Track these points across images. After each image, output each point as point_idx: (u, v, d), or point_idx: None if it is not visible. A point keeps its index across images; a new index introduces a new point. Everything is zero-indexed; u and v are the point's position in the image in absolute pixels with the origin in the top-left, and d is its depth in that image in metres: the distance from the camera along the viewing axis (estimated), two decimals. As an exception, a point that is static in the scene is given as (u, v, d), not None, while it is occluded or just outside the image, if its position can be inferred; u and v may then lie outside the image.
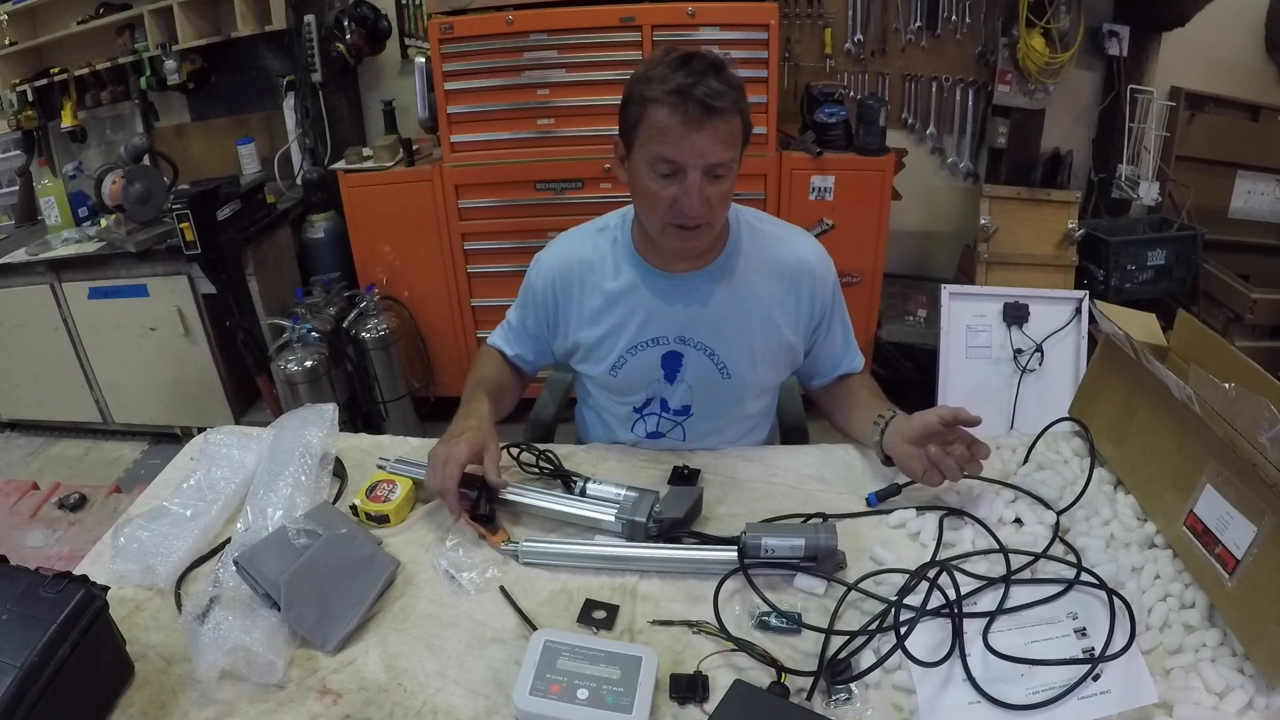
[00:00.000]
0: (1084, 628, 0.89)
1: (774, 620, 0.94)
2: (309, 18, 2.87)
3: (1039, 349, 2.51)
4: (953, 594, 0.92)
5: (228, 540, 1.09)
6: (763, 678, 0.87)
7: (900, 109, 3.04)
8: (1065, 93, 2.91)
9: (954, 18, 2.86)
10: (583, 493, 1.16)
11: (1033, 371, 2.51)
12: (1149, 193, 2.83)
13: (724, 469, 1.24)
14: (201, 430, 1.33)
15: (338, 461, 1.25)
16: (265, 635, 0.89)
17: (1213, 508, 0.93)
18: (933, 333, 2.63)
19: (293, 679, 0.90)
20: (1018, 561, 0.98)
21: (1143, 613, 0.91)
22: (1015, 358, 2.52)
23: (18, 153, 3.30)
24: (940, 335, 2.55)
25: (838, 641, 0.90)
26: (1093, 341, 1.98)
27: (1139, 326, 1.15)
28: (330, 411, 1.24)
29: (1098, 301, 1.33)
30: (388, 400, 2.80)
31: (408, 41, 3.10)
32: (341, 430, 1.28)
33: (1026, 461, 1.21)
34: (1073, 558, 0.99)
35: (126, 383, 3.02)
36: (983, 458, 1.09)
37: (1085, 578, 0.93)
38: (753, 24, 2.44)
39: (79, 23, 3.09)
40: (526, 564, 1.06)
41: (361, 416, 2.84)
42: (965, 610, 0.91)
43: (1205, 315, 2.81)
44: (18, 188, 3.26)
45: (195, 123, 3.34)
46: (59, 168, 3.31)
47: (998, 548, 1.01)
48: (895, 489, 1.15)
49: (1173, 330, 1.14)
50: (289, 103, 3.03)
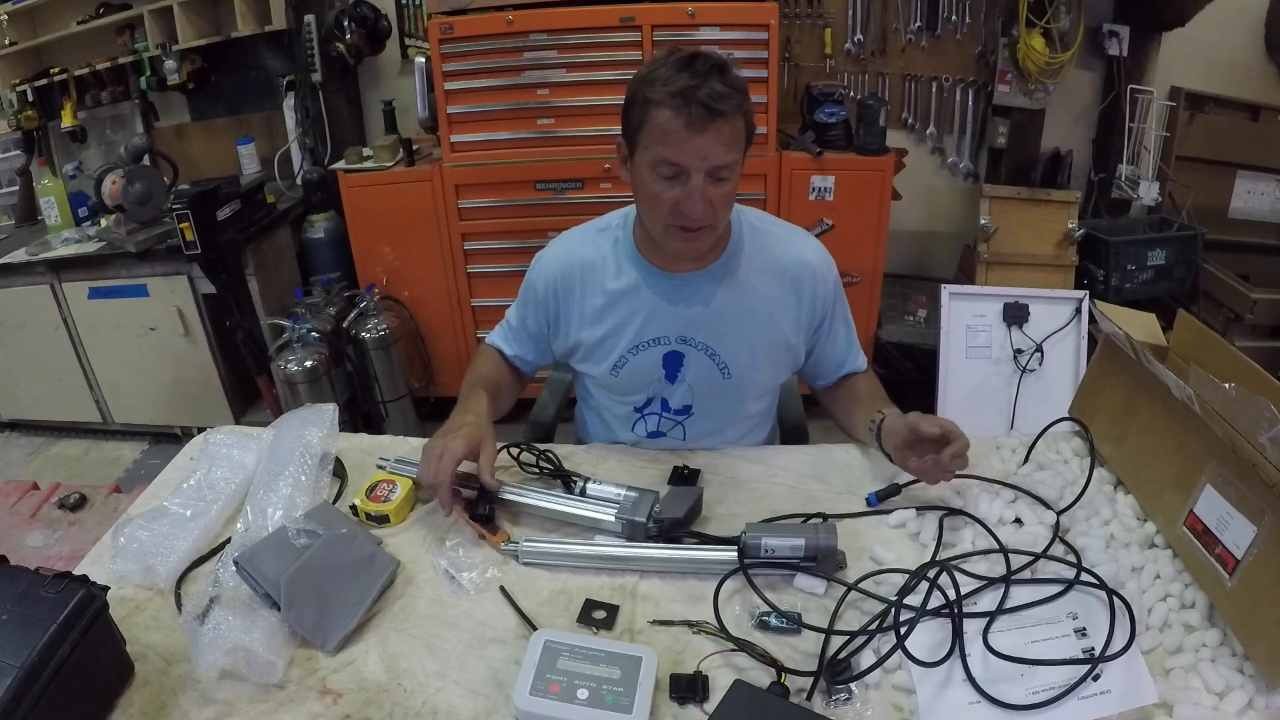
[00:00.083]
0: (1084, 628, 0.89)
1: (774, 620, 0.94)
2: (309, 18, 2.86)
3: (1039, 349, 2.51)
4: (953, 594, 0.92)
5: (228, 540, 1.09)
6: (763, 678, 0.87)
7: (900, 109, 3.04)
8: (1065, 93, 2.91)
9: (954, 18, 2.86)
10: (583, 493, 1.16)
11: (1033, 371, 2.51)
12: (1149, 193, 2.83)
13: (724, 469, 1.24)
14: (201, 430, 1.33)
15: (338, 461, 1.25)
16: (265, 635, 0.89)
17: (1213, 508, 0.93)
18: (933, 333, 2.63)
19: (293, 679, 0.90)
20: (1018, 561, 0.98)
21: (1143, 613, 0.91)
22: (1015, 358, 2.53)
23: (18, 153, 3.30)
24: (940, 335, 2.55)
25: (838, 641, 0.90)
26: (1093, 341, 1.98)
27: (1139, 326, 1.15)
28: (330, 411, 1.24)
29: (1098, 301, 1.33)
30: (388, 400, 2.80)
31: (408, 41, 3.10)
32: (341, 430, 1.28)
33: (1026, 461, 1.21)
34: (1073, 558, 0.99)
35: (126, 383, 3.02)
36: (956, 455, 1.05)
37: (1085, 578, 0.93)
38: (753, 24, 2.44)
39: (79, 23, 3.09)
40: (526, 564, 1.06)
41: (361, 416, 2.84)
42: (965, 610, 0.91)
43: (1205, 315, 2.81)
44: (18, 188, 3.26)
45: (195, 123, 3.34)
46: (59, 168, 3.31)
47: (998, 548, 1.01)
48: (895, 489, 1.15)
49: (1173, 330, 1.14)
50: (289, 103, 3.03)
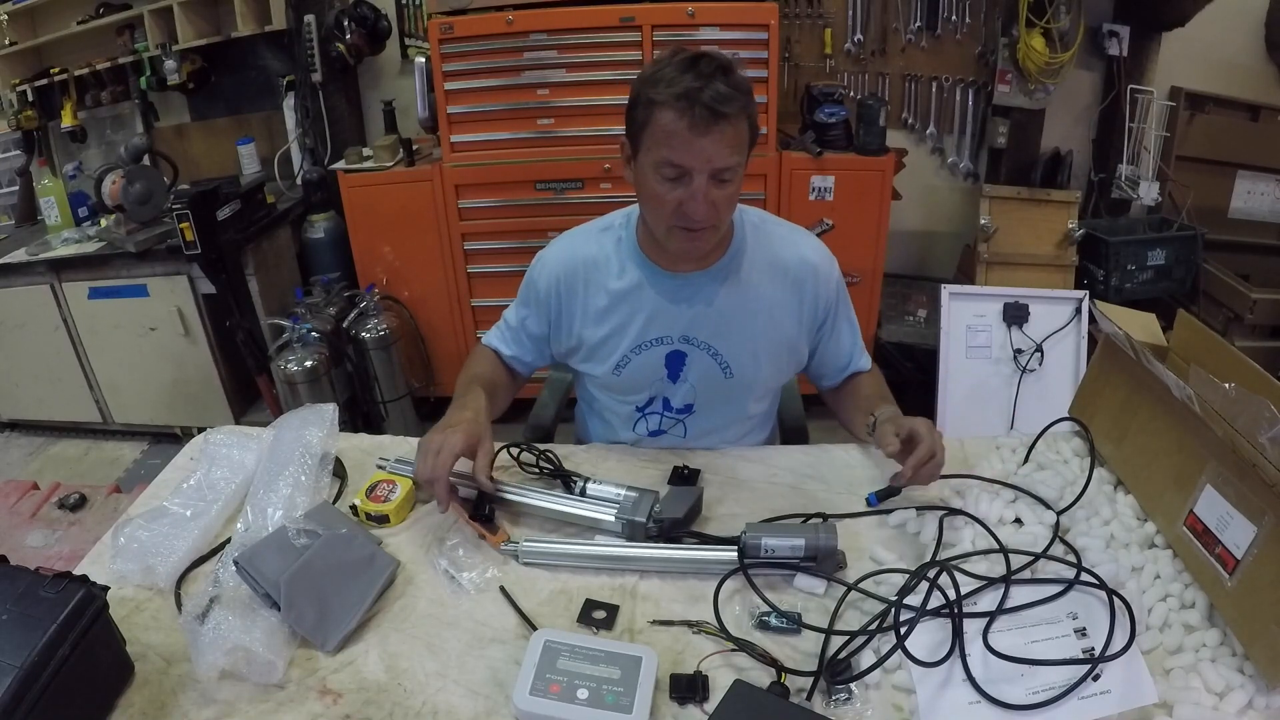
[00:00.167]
0: (1084, 628, 0.89)
1: (774, 620, 0.94)
2: (309, 18, 2.86)
3: (1039, 349, 2.51)
4: (953, 594, 0.92)
5: (228, 540, 1.09)
6: (763, 678, 0.87)
7: (900, 109, 3.04)
8: (1065, 93, 2.91)
9: (954, 18, 2.86)
10: (583, 493, 1.16)
11: (1033, 371, 2.51)
12: (1149, 193, 2.83)
13: (724, 469, 1.24)
14: (201, 430, 1.33)
15: (338, 461, 1.25)
16: (265, 635, 0.89)
17: (1213, 508, 0.93)
18: (933, 333, 2.63)
19: (293, 679, 0.90)
20: (1018, 561, 0.98)
21: (1143, 613, 0.91)
22: (1015, 358, 2.52)
23: (18, 153, 3.30)
24: (940, 335, 2.55)
25: (838, 641, 0.90)
26: (1093, 341, 1.98)
27: (1139, 326, 1.15)
28: (330, 411, 1.24)
29: (1098, 301, 1.33)
30: (388, 400, 2.80)
31: (408, 41, 3.10)
32: (341, 430, 1.28)
33: (1026, 461, 1.21)
34: (1073, 558, 0.99)
35: (126, 383, 3.02)
36: (918, 465, 1.06)
37: (1085, 578, 0.93)
38: (753, 24, 2.44)
39: (79, 23, 3.09)
40: (526, 564, 1.06)
41: (361, 416, 2.84)
42: (965, 610, 0.91)
43: (1205, 315, 2.81)
44: (18, 188, 3.26)
45: (195, 123, 3.34)
46: (59, 168, 3.31)
47: (998, 548, 1.01)
48: (895, 489, 1.14)
49: (1173, 330, 1.14)
50: (289, 103, 3.03)
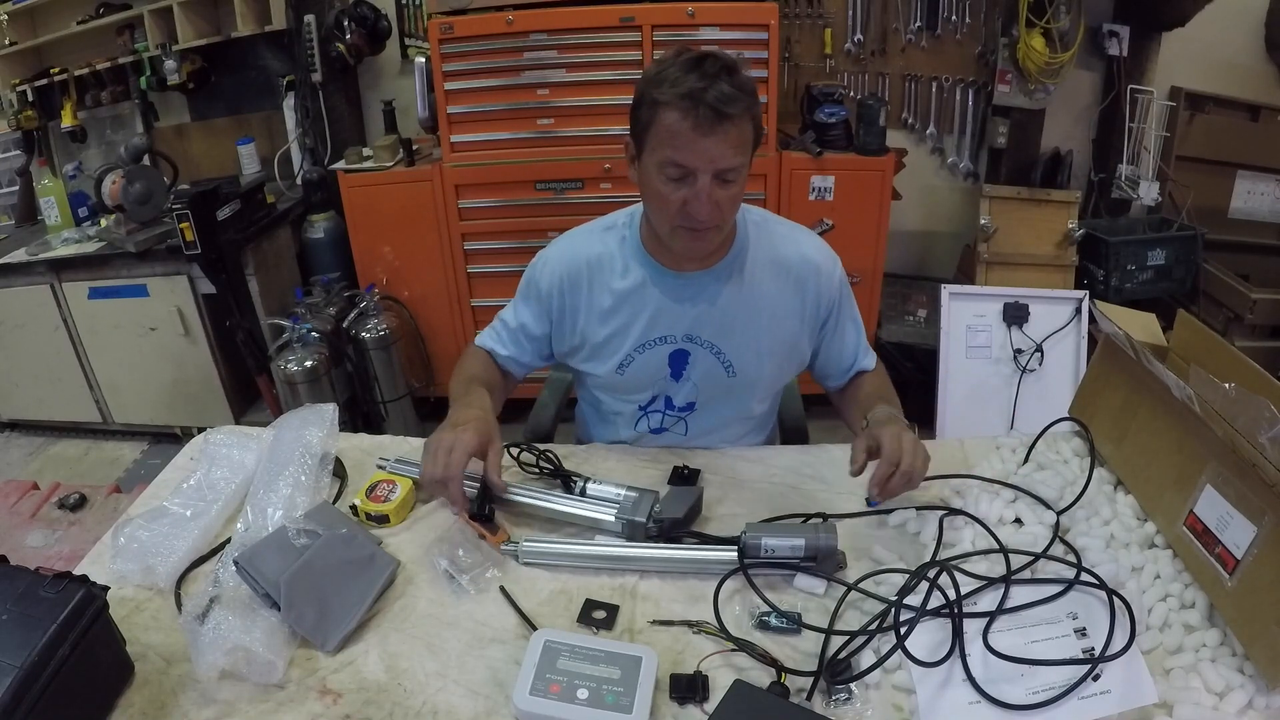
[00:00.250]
0: (1084, 628, 0.89)
1: (774, 620, 0.94)
2: (309, 18, 2.86)
3: (1039, 349, 2.51)
4: (953, 594, 0.92)
5: (228, 540, 1.09)
6: (763, 678, 0.87)
7: (900, 109, 3.04)
8: (1065, 93, 2.91)
9: (954, 18, 2.86)
10: (583, 493, 1.16)
11: (1033, 371, 2.51)
12: (1149, 193, 2.83)
13: (724, 469, 1.24)
14: (201, 430, 1.33)
15: (338, 461, 1.25)
16: (265, 635, 0.89)
17: (1213, 508, 0.93)
18: (933, 333, 2.63)
19: (293, 679, 0.90)
20: (1018, 561, 0.98)
21: (1143, 613, 0.91)
22: (1015, 358, 2.52)
23: (18, 153, 3.30)
24: (940, 335, 2.55)
25: (838, 641, 0.90)
26: (1093, 341, 1.98)
27: (1139, 326, 1.15)
28: (330, 411, 1.24)
29: (1098, 301, 1.33)
30: (388, 400, 2.80)
31: (408, 41, 3.10)
32: (341, 430, 1.28)
33: (1026, 461, 1.21)
34: (1073, 558, 0.99)
35: (126, 383, 3.02)
36: (879, 481, 1.06)
37: (1085, 578, 0.93)
38: (753, 24, 2.44)
39: (79, 23, 3.09)
40: (526, 564, 1.06)
41: (361, 416, 2.84)
42: (965, 610, 0.91)
43: (1205, 315, 2.81)
44: (18, 188, 3.26)
45: (195, 123, 3.34)
46: (59, 168, 3.31)
47: (998, 548, 1.01)
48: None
49: (1173, 330, 1.14)
50: (289, 103, 3.03)
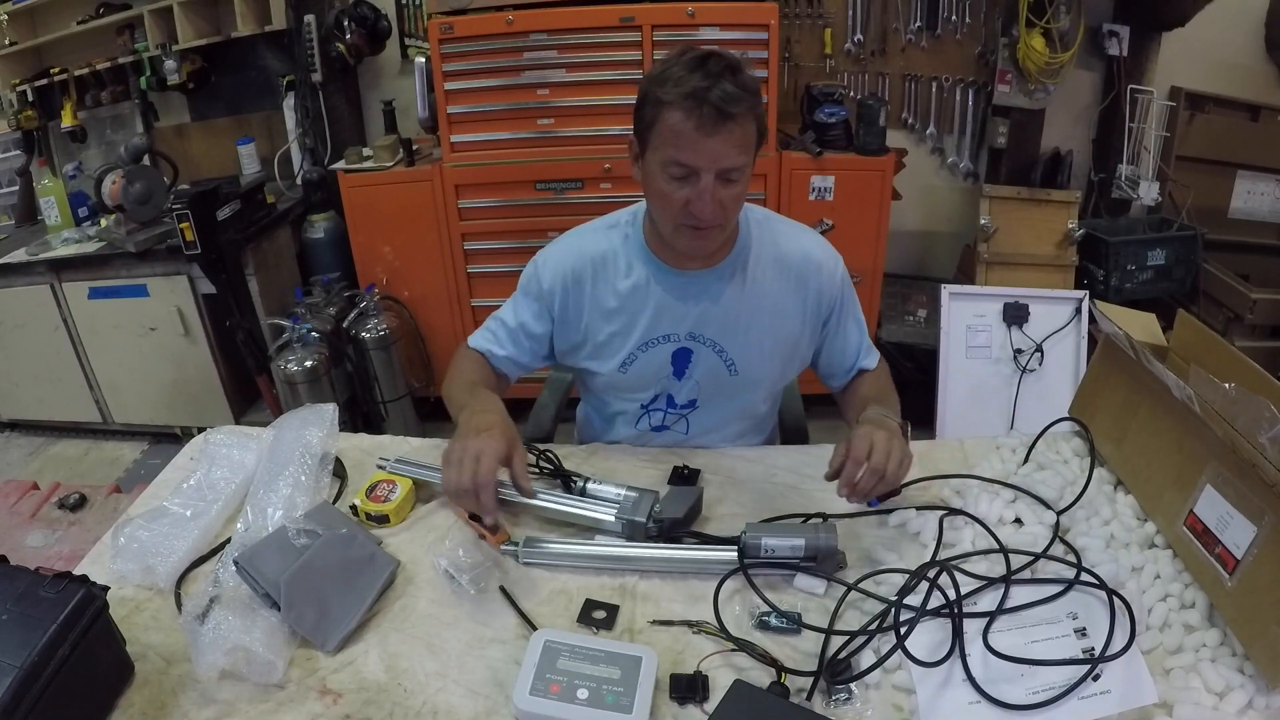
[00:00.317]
0: (1084, 628, 0.89)
1: (774, 620, 0.94)
2: (309, 18, 2.86)
3: (1039, 349, 2.51)
4: (953, 594, 0.92)
5: (228, 540, 1.09)
6: (763, 678, 0.87)
7: (900, 109, 3.03)
8: (1065, 93, 2.91)
9: (954, 18, 2.86)
10: (583, 493, 1.16)
11: (1033, 371, 2.51)
12: (1149, 193, 2.83)
13: (724, 469, 1.24)
14: (201, 430, 1.33)
15: (338, 461, 1.25)
16: (265, 635, 0.89)
17: (1213, 508, 0.93)
18: (933, 333, 2.63)
19: (293, 679, 0.90)
20: (1018, 561, 0.98)
21: (1143, 613, 0.91)
22: (1015, 358, 2.53)
23: (18, 153, 3.30)
24: (940, 335, 2.55)
25: (838, 641, 0.90)
26: (1093, 341, 1.98)
27: (1139, 326, 1.15)
28: (330, 411, 1.24)
29: (1098, 301, 1.33)
30: (388, 400, 2.79)
31: (408, 41, 3.10)
32: (341, 430, 1.28)
33: (1026, 461, 1.21)
34: (1073, 558, 0.99)
35: (126, 383, 3.02)
36: (844, 484, 1.05)
37: (1085, 578, 0.93)
38: (753, 24, 2.44)
39: (79, 23, 3.09)
40: (526, 564, 1.06)
41: (361, 416, 2.83)
42: (965, 610, 0.91)
43: (1205, 315, 2.81)
44: (18, 188, 3.26)
45: (195, 123, 3.34)
46: (59, 168, 3.30)
47: (998, 548, 1.01)
48: (895, 489, 1.15)
49: (1173, 330, 1.14)
50: (289, 103, 3.03)
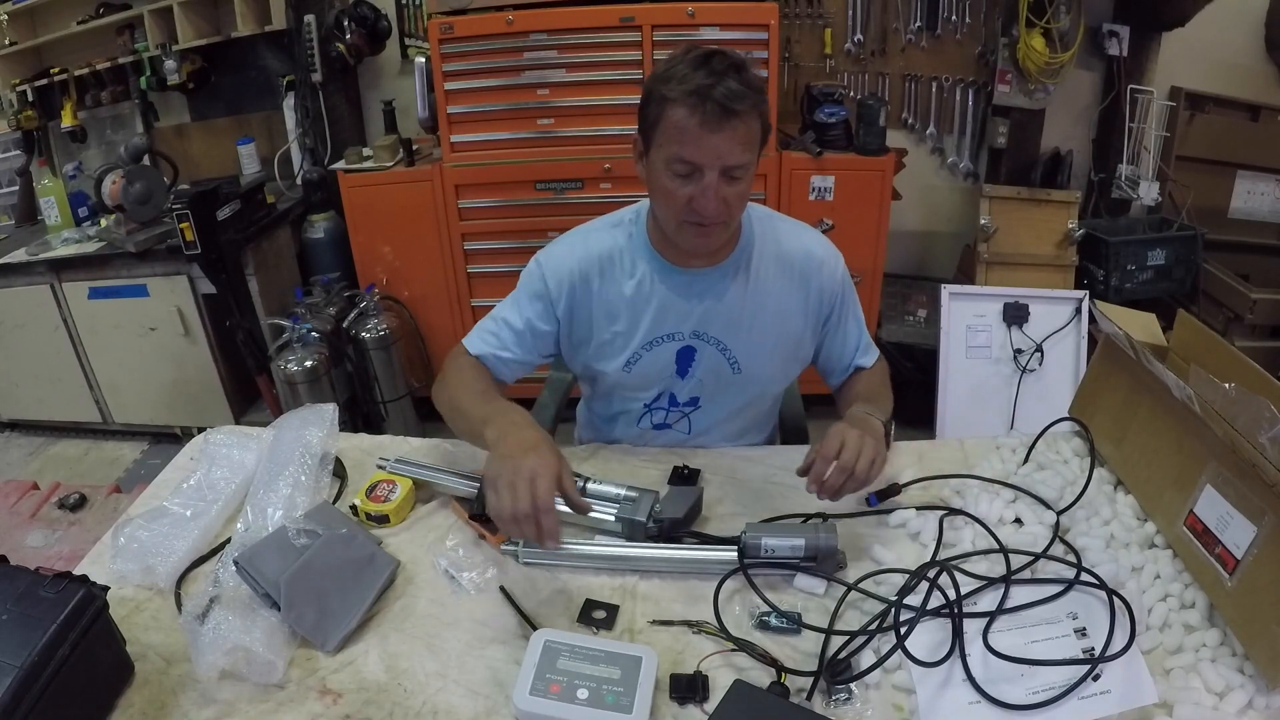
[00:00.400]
0: (1084, 628, 0.89)
1: (774, 620, 0.94)
2: (309, 18, 2.86)
3: (1039, 349, 2.51)
4: (953, 594, 0.92)
5: (228, 540, 1.09)
6: (763, 678, 0.87)
7: (900, 109, 3.03)
8: (1065, 93, 2.91)
9: (954, 18, 2.86)
10: (583, 492, 1.16)
11: (1033, 371, 2.51)
12: (1149, 193, 2.83)
13: (724, 469, 1.24)
14: (201, 430, 1.33)
15: (338, 461, 1.25)
16: (265, 635, 0.89)
17: (1213, 508, 0.93)
18: (933, 333, 2.63)
19: (293, 679, 0.90)
20: (1018, 561, 0.98)
21: (1143, 613, 0.91)
22: (1015, 358, 2.53)
23: (18, 153, 3.30)
24: (940, 335, 2.55)
25: (838, 641, 0.90)
26: (1093, 341, 1.98)
27: (1139, 326, 1.15)
28: (330, 411, 1.24)
29: (1098, 301, 1.33)
30: (388, 400, 2.80)
31: (408, 41, 3.10)
32: (341, 430, 1.28)
33: (1026, 461, 1.21)
34: (1073, 558, 0.99)
35: (126, 383, 3.02)
36: (813, 481, 1.05)
37: (1085, 578, 0.93)
38: (753, 24, 2.44)
39: (79, 23, 3.09)
40: (526, 564, 1.06)
41: (361, 416, 2.84)
42: (965, 610, 0.91)
43: (1205, 315, 2.81)
44: (18, 188, 3.26)
45: (195, 123, 3.34)
46: (59, 168, 3.30)
47: (998, 548, 1.01)
48: (895, 489, 1.15)
49: (1173, 330, 1.14)
50: (289, 103, 3.03)
